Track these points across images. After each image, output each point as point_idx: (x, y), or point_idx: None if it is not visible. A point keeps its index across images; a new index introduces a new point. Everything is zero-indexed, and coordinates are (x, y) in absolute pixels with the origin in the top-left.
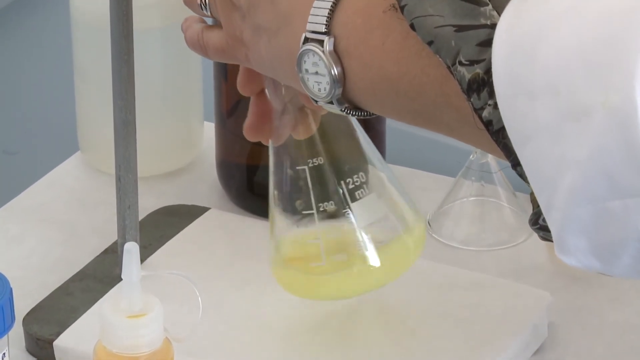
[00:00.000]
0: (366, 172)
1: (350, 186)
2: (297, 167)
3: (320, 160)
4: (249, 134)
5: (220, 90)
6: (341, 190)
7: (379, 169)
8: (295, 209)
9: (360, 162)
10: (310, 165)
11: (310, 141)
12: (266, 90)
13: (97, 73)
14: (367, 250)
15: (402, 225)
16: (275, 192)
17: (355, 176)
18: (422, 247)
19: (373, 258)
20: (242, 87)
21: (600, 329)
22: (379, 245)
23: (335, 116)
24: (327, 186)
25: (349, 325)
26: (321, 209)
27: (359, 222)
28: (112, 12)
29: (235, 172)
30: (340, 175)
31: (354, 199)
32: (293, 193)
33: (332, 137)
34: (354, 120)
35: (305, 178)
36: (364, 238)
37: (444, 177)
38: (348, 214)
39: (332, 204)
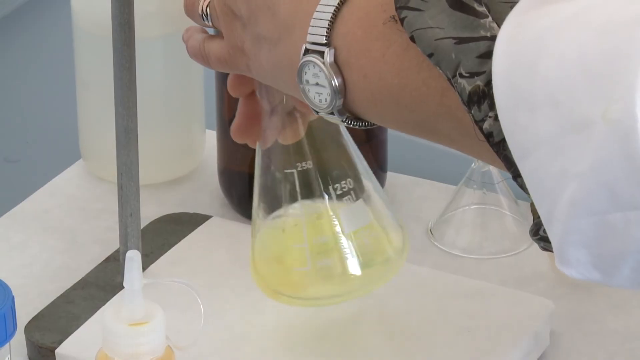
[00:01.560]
0: (353, 179)
1: (339, 192)
2: (286, 170)
3: (309, 165)
4: (236, 135)
5: (222, 98)
6: (329, 195)
7: (364, 177)
8: (281, 213)
9: (348, 169)
10: (299, 169)
11: (298, 145)
12: (257, 93)
13: (99, 81)
14: (351, 256)
15: (386, 235)
16: (261, 195)
17: (343, 182)
18: (405, 257)
19: (356, 265)
20: (232, 88)
21: (602, 337)
22: (363, 253)
23: (323, 122)
24: (315, 191)
25: (351, 334)
26: (308, 214)
27: (345, 228)
28: (114, 20)
29: (237, 180)
30: (329, 180)
31: (341, 205)
32: (280, 197)
33: (320, 142)
34: (342, 128)
35: (294, 182)
36: (350, 244)
37: (446, 185)
38: (335, 219)
39: (319, 209)
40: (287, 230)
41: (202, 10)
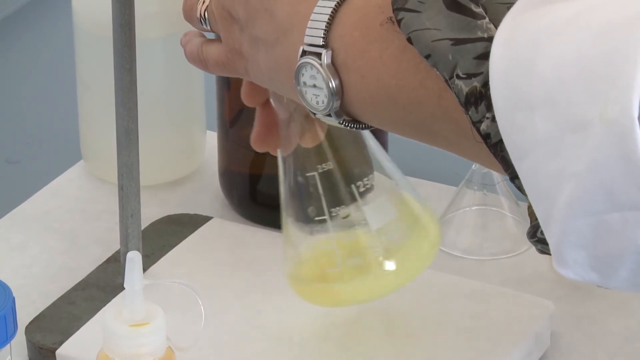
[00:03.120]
0: (377, 173)
1: (362, 189)
2: (307, 174)
3: (330, 165)
4: (257, 145)
5: (222, 99)
6: (353, 194)
7: (389, 171)
8: (307, 216)
9: (370, 165)
10: (320, 171)
11: (318, 147)
12: (271, 100)
13: (99, 82)
14: (382, 253)
15: (416, 227)
16: (287, 201)
17: (366, 179)
18: (437, 249)
19: (388, 261)
20: (246, 98)
21: (603, 338)
22: (394, 248)
23: None
24: (339, 191)
25: (352, 334)
26: (334, 214)
27: (372, 225)
28: (115, 21)
29: (238, 181)
30: (351, 179)
31: (366, 202)
32: (305, 200)
33: (340, 141)
34: None
35: (316, 184)
36: (378, 241)
37: (446, 186)
38: (361, 217)
39: (344, 208)
40: (316, 233)
41: (200, 14)
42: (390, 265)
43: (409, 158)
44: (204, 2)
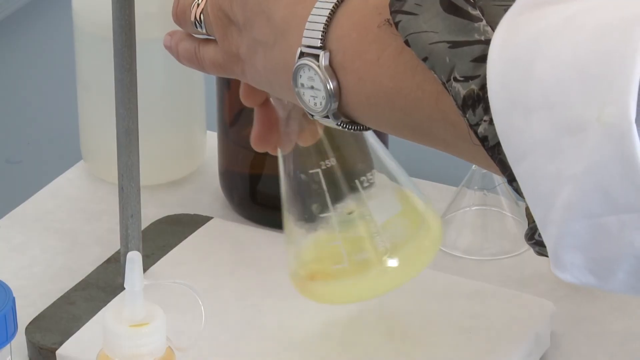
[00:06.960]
0: (378, 169)
1: (365, 184)
2: (310, 171)
3: (333, 162)
4: (257, 145)
5: (222, 100)
6: (357, 190)
7: (390, 167)
8: (311, 214)
9: (371, 160)
10: (323, 167)
11: (319, 145)
12: (271, 99)
13: (100, 82)
14: (387, 248)
15: (419, 222)
16: (289, 200)
17: (369, 174)
18: (439, 245)
19: (393, 256)
20: (245, 98)
21: (603, 338)
22: (398, 243)
23: None
24: (342, 186)
25: (352, 335)
26: (338, 210)
27: (377, 220)
28: (115, 21)
29: (238, 181)
30: (354, 174)
31: (369, 197)
32: (308, 198)
33: (340, 138)
34: None
35: (319, 181)
36: (383, 235)
37: (446, 186)
38: (366, 212)
39: (348, 204)
40: (320, 230)
41: (196, 17)
42: (394, 261)
43: (409, 158)
44: (198, 5)
